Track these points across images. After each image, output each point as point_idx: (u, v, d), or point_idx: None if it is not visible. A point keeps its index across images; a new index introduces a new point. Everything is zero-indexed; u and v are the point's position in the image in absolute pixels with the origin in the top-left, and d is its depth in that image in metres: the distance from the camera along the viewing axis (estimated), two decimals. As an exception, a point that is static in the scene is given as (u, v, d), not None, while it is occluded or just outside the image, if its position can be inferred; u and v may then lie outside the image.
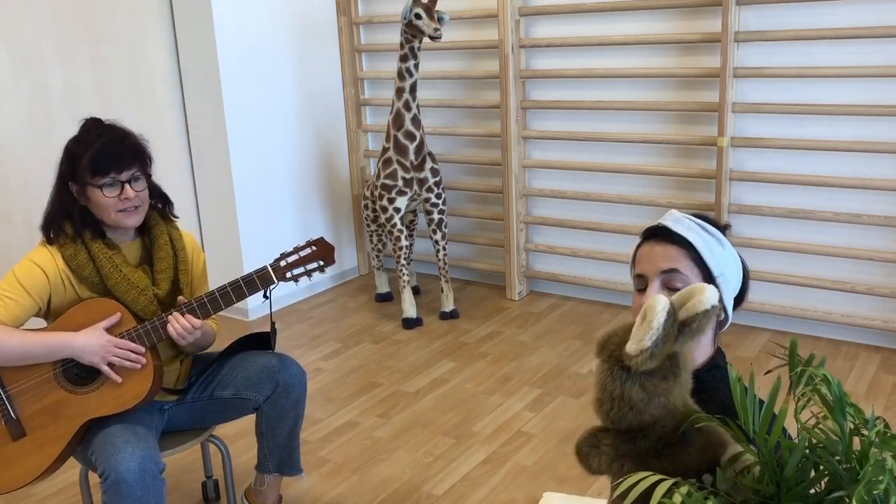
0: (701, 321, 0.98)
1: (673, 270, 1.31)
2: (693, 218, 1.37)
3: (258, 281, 2.02)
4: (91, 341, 1.91)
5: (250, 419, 2.42)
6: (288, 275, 2.06)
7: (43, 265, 1.96)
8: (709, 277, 1.33)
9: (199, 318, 1.99)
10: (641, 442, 1.01)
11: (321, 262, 2.07)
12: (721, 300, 1.34)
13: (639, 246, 1.39)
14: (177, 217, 2.19)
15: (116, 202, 1.95)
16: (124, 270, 1.98)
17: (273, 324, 2.24)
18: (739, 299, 1.41)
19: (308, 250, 2.07)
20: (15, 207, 3.44)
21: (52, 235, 2.00)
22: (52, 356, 1.92)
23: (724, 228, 1.40)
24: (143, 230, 2.08)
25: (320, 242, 2.08)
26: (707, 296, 0.99)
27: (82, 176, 1.94)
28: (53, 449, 1.96)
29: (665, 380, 0.99)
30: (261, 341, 2.30)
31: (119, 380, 1.94)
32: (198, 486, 2.66)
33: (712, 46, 3.53)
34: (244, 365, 2.19)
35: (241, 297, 2.02)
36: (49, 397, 1.95)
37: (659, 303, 0.97)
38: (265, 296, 2.08)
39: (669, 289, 1.31)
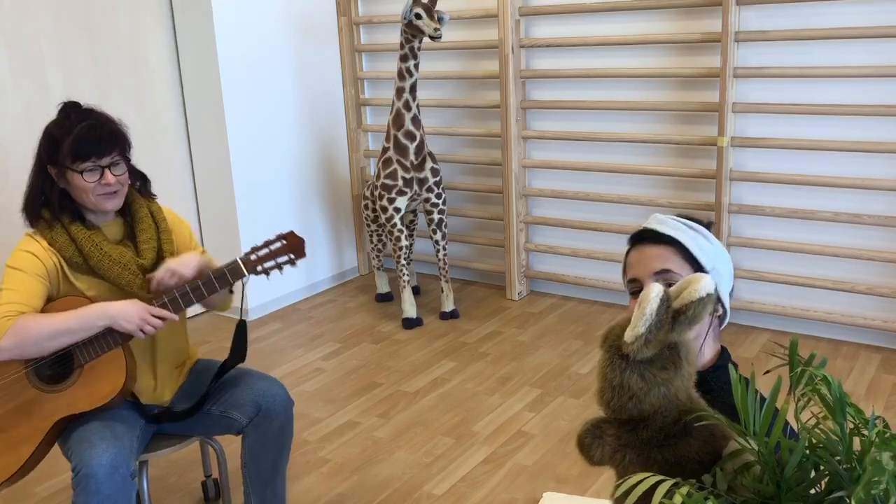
0: (696, 309, 0.99)
1: (665, 271, 1.32)
2: (677, 218, 1.39)
3: (228, 274, 2.00)
4: (128, 307, 1.90)
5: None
6: (258, 268, 2.03)
7: (33, 251, 1.96)
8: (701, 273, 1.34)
9: (171, 311, 1.96)
10: (643, 431, 1.02)
11: (292, 256, 2.06)
12: (718, 295, 1.35)
13: (628, 252, 1.40)
14: (154, 195, 2.18)
15: (96, 186, 1.95)
16: (105, 248, 1.97)
17: (243, 321, 2.15)
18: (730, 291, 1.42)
19: (278, 244, 2.06)
20: (15, 207, 3.41)
21: (31, 219, 2.02)
22: (90, 327, 1.89)
23: (708, 225, 1.41)
24: (123, 208, 2.08)
25: (290, 236, 2.07)
26: (702, 284, 0.99)
27: (62, 160, 1.94)
28: (26, 448, 1.94)
29: (665, 369, 1.00)
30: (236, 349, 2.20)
31: (141, 336, 1.92)
32: (198, 486, 2.66)
33: (712, 46, 3.53)
34: (235, 383, 2.15)
35: (213, 290, 1.99)
36: (21, 396, 1.94)
37: (653, 290, 0.98)
38: (231, 290, 2.09)
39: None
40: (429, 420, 3.04)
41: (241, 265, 2.02)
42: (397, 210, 3.86)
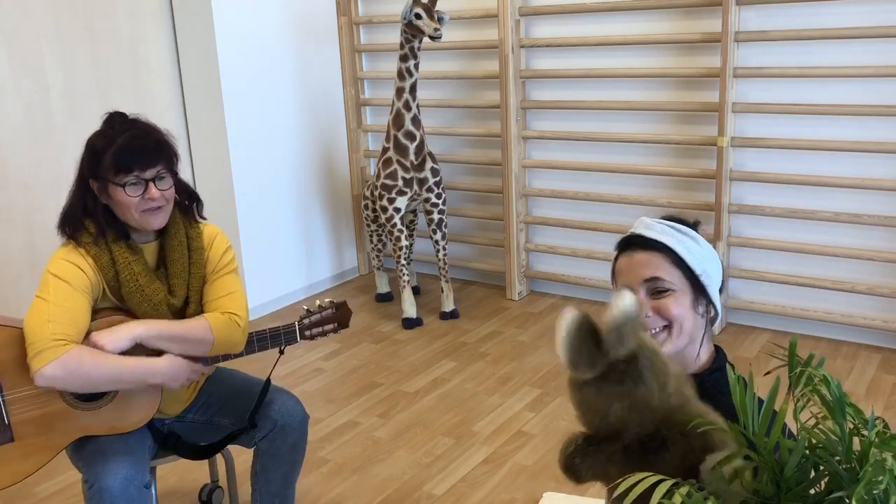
0: (620, 330, 0.95)
1: (655, 279, 1.32)
2: (663, 221, 1.38)
3: (283, 336, 2.03)
4: (175, 365, 1.88)
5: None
6: (307, 333, 2.07)
7: (77, 263, 1.84)
8: (691, 277, 1.33)
9: (210, 363, 1.97)
10: (624, 441, 1.00)
11: (337, 325, 2.11)
12: (709, 296, 1.35)
13: (616, 258, 1.39)
14: (204, 218, 2.04)
15: (140, 202, 1.83)
16: (141, 280, 1.88)
17: (269, 380, 2.12)
18: (720, 289, 1.41)
19: (330, 311, 2.10)
20: (15, 207, 3.44)
21: (72, 234, 1.88)
22: (143, 384, 1.87)
23: (695, 225, 1.40)
24: (162, 229, 1.94)
25: (343, 306, 2.12)
26: (618, 305, 0.96)
27: (104, 173, 1.82)
28: (39, 459, 1.89)
29: (621, 383, 0.97)
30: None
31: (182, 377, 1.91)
32: (198, 488, 2.65)
33: (712, 46, 3.53)
34: (249, 398, 2.10)
35: (264, 348, 2.01)
36: (47, 407, 1.87)
37: (564, 318, 0.96)
38: (280, 351, 2.09)
39: (654, 297, 1.32)
40: (429, 420, 3.04)
41: (298, 331, 2.05)
42: (397, 210, 3.86)
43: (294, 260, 4.38)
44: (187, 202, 2.00)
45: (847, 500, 0.79)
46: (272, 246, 4.24)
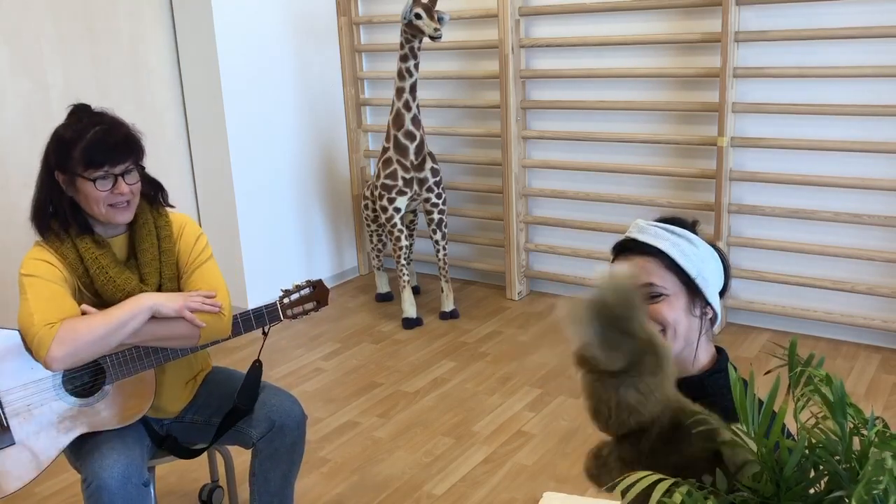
0: (633, 304, 0.94)
1: (648, 284, 1.32)
2: (659, 224, 1.38)
3: (267, 316, 2.05)
4: (168, 294, 1.84)
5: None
6: (289, 312, 2.09)
7: (46, 259, 1.86)
8: (686, 280, 1.33)
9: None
10: (644, 444, 0.99)
11: (317, 303, 2.13)
12: (706, 298, 1.35)
13: (612, 262, 1.40)
14: (171, 206, 2.05)
15: (108, 196, 1.84)
16: (111, 272, 1.87)
17: (259, 362, 2.11)
18: (723, 289, 1.41)
19: (308, 290, 2.12)
20: (16, 207, 3.44)
21: (40, 231, 1.91)
22: (138, 316, 1.82)
23: (693, 226, 1.40)
24: (131, 221, 1.96)
25: (319, 284, 2.13)
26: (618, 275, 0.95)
27: (73, 167, 1.82)
28: (43, 460, 1.89)
29: (654, 375, 0.97)
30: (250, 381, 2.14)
31: (203, 325, 1.88)
32: (197, 488, 2.65)
33: (712, 46, 3.53)
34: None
35: (249, 329, 2.02)
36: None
37: (575, 306, 0.95)
38: (264, 332, 2.10)
39: (648, 301, 1.32)
40: (429, 420, 3.04)
41: (280, 310, 2.06)
42: (397, 210, 3.86)
43: (294, 260, 4.38)
44: (152, 192, 2.01)
45: (847, 500, 0.80)
46: (272, 246, 4.24)
